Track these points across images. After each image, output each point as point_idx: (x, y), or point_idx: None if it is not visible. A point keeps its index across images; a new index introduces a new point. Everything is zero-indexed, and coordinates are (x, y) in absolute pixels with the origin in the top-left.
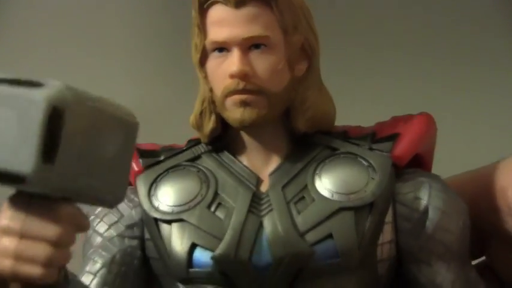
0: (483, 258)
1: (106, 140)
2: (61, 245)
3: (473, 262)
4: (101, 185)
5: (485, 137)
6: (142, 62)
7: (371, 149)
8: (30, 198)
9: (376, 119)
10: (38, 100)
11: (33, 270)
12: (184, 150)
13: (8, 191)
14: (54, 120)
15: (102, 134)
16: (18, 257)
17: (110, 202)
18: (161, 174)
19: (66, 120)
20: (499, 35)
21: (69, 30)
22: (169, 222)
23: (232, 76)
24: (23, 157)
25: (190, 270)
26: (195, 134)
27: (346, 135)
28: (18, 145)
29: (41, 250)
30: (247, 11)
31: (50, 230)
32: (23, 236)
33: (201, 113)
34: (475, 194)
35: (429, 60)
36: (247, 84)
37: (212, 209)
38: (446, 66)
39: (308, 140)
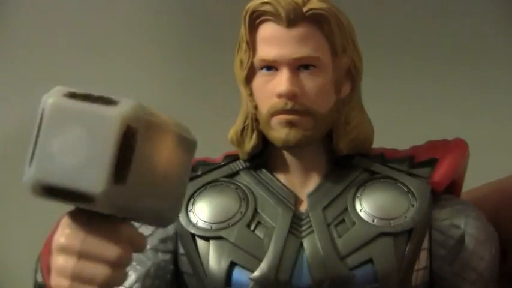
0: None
1: (171, 159)
2: (119, 266)
3: None
4: (163, 205)
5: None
6: (155, 65)
7: (410, 173)
8: (90, 216)
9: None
10: (112, 118)
11: None
12: (221, 166)
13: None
14: (127, 140)
15: (169, 153)
16: (75, 277)
17: (167, 222)
18: (199, 189)
19: (139, 139)
20: (502, 36)
21: (80, 32)
22: (207, 239)
23: (280, 96)
24: (93, 176)
25: None
26: (212, 139)
27: (384, 158)
28: (88, 164)
29: (100, 271)
30: (298, 31)
31: (109, 250)
32: (81, 255)
33: (243, 130)
34: (497, 203)
35: (432, 62)
36: (295, 105)
37: (252, 227)
38: (450, 68)
39: (347, 162)
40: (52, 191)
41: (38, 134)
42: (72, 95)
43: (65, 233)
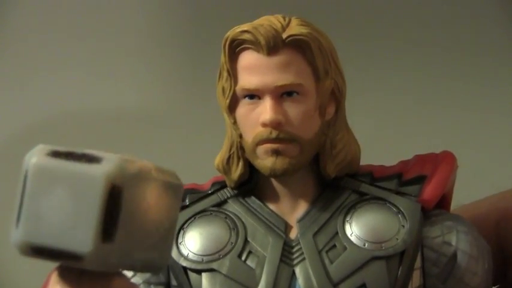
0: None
1: (159, 209)
2: None
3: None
4: (154, 255)
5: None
6: (150, 65)
7: (398, 192)
8: (81, 272)
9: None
10: (96, 178)
11: None
12: (209, 194)
13: None
14: (113, 198)
15: (156, 203)
16: None
17: (158, 269)
18: (188, 220)
19: (125, 196)
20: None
21: (82, 32)
22: (199, 271)
23: (264, 125)
24: (80, 237)
25: None
26: (200, 142)
27: (372, 177)
28: (74, 224)
29: None
30: (279, 58)
31: None
32: None
33: (229, 158)
34: (500, 216)
35: (426, 69)
36: (280, 133)
37: (243, 258)
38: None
39: (335, 184)
40: (41, 251)
41: (22, 194)
42: (55, 154)
43: None
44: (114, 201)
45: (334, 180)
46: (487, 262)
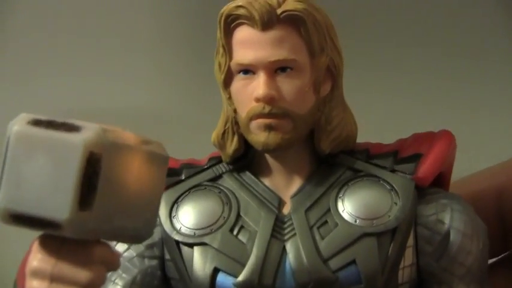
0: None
1: (142, 179)
2: (92, 287)
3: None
4: (135, 224)
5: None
6: (154, 65)
7: (393, 170)
8: (62, 240)
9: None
10: (74, 145)
11: None
12: (205, 169)
13: None
14: (92, 166)
15: (138, 173)
16: None
17: (142, 239)
18: (182, 194)
19: (104, 164)
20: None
21: (84, 31)
22: (191, 245)
23: (257, 100)
24: (58, 204)
25: None
26: (206, 139)
27: (368, 154)
28: (53, 191)
29: None
30: (274, 33)
31: (81, 274)
32: (53, 279)
33: (224, 133)
34: (501, 187)
35: (431, 57)
36: (273, 108)
37: (235, 232)
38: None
39: (330, 161)
40: (20, 219)
41: (4, 161)
42: (36, 122)
43: (37, 257)
44: (93, 169)
45: (329, 157)
46: (482, 241)
